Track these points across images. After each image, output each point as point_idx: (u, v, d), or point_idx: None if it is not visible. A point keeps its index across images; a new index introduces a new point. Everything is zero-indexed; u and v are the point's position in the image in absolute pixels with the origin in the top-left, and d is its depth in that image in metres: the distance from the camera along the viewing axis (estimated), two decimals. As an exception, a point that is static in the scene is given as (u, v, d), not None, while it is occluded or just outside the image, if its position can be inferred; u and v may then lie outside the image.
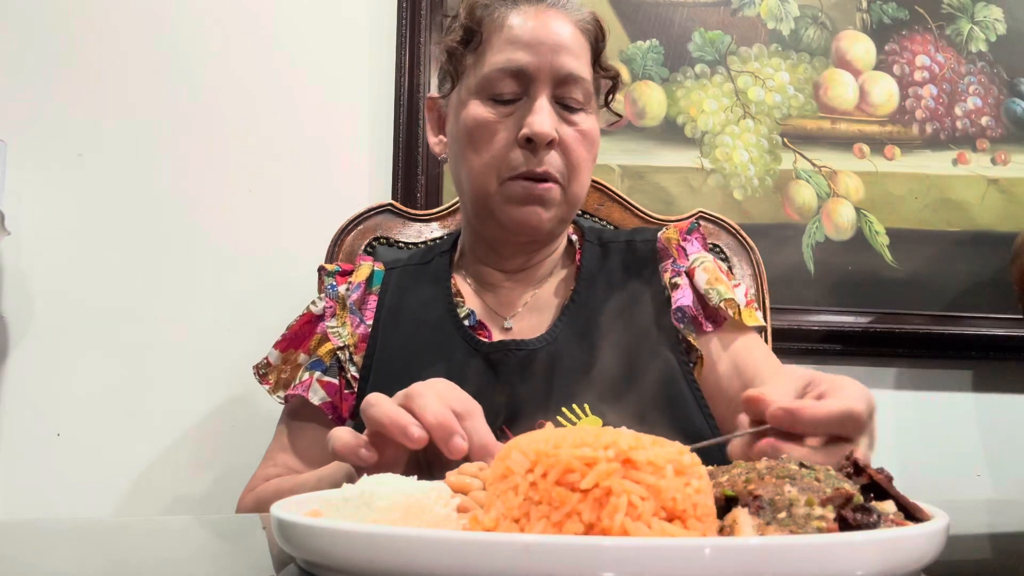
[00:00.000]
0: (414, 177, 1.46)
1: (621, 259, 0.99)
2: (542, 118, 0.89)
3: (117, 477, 1.37)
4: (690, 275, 0.97)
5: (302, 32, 1.51)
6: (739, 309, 0.94)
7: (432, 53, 1.50)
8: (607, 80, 1.00)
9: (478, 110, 0.92)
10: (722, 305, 0.94)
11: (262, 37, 1.50)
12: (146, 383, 1.39)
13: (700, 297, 0.96)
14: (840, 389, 0.60)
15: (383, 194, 1.46)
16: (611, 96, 1.01)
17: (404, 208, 1.26)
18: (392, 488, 0.44)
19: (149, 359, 1.40)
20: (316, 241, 1.25)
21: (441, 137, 1.01)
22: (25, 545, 0.58)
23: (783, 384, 0.63)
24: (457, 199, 1.27)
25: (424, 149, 1.46)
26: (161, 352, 1.40)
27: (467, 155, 0.93)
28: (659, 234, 1.01)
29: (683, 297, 0.95)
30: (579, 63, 0.92)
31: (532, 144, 0.89)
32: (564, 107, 0.92)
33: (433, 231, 1.25)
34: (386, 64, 1.51)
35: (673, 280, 0.97)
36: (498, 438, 0.84)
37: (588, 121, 0.94)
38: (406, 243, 1.23)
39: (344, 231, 1.22)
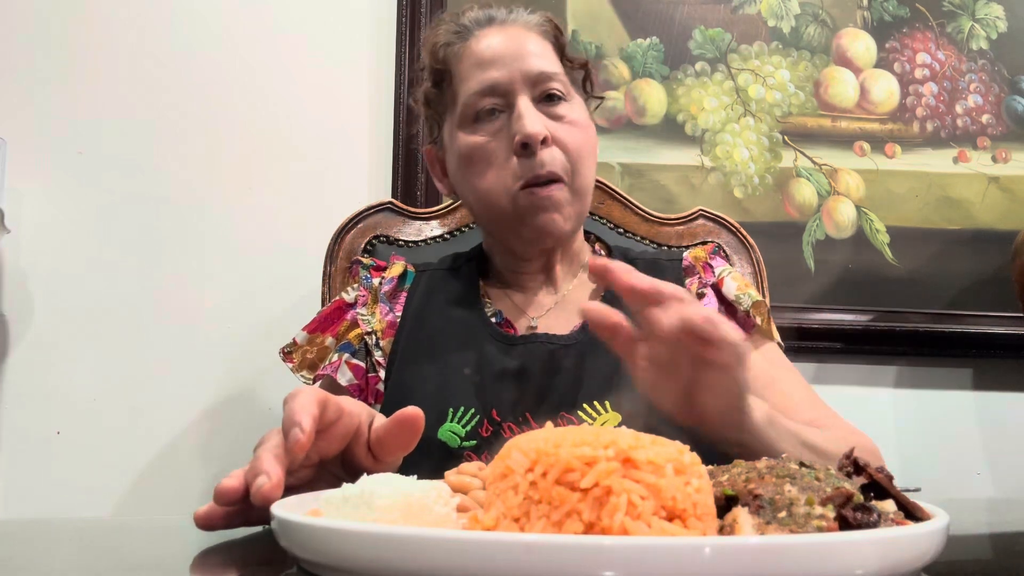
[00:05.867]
0: (414, 175, 1.46)
1: (647, 274, 1.01)
2: (530, 119, 0.90)
3: (117, 476, 1.37)
4: (717, 286, 1.00)
5: (302, 30, 1.50)
6: (766, 316, 0.97)
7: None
8: (579, 70, 1.02)
9: (467, 139, 0.94)
10: (750, 310, 0.96)
11: (262, 35, 1.50)
12: (146, 381, 1.39)
13: (728, 306, 0.98)
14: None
15: (383, 192, 1.46)
16: (588, 83, 1.03)
17: (404, 206, 1.26)
18: (392, 488, 0.44)
19: (149, 357, 1.40)
20: (316, 239, 1.25)
21: (445, 180, 1.04)
22: (25, 545, 0.58)
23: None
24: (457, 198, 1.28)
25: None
26: (161, 351, 1.40)
27: (472, 182, 0.94)
28: (685, 254, 1.04)
29: (709, 304, 0.98)
30: (546, 61, 0.94)
31: (528, 148, 0.90)
32: (547, 102, 0.94)
33: (433, 229, 1.25)
34: (386, 62, 1.51)
35: (699, 291, 0.99)
36: (520, 426, 0.86)
37: (575, 110, 0.95)
38: (406, 241, 1.23)
39: (344, 229, 1.22)
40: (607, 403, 0.87)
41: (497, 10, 0.99)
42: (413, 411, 0.60)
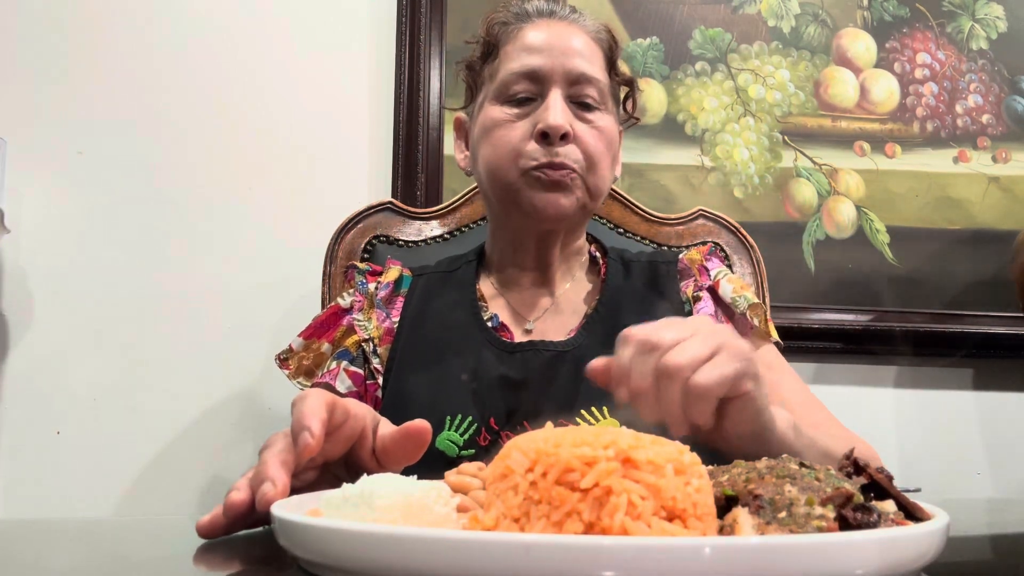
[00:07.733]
0: (414, 175, 1.46)
1: (643, 276, 1.02)
2: (555, 112, 0.91)
3: (117, 476, 1.37)
4: (713, 289, 1.00)
5: (302, 30, 1.50)
6: (764, 317, 0.97)
7: (432, 51, 1.50)
8: (624, 86, 1.03)
9: (495, 112, 0.95)
10: (747, 312, 0.96)
11: (262, 35, 1.50)
12: (146, 381, 1.39)
13: (724, 308, 0.99)
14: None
15: (383, 192, 1.46)
16: (630, 101, 1.05)
17: (404, 206, 1.26)
18: (392, 488, 0.44)
19: (149, 357, 1.40)
20: (316, 239, 1.25)
21: (467, 152, 1.04)
22: (25, 545, 0.58)
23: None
24: (457, 197, 1.27)
25: (424, 147, 1.46)
26: (161, 350, 1.40)
27: (485, 151, 0.96)
28: (681, 256, 1.05)
29: (705, 308, 0.98)
30: (591, 66, 0.96)
31: (547, 138, 0.91)
32: (579, 106, 0.95)
33: (433, 229, 1.25)
34: (386, 61, 1.51)
35: (696, 294, 1.00)
36: (517, 435, 0.85)
37: (604, 119, 0.96)
38: (406, 241, 1.23)
39: (344, 229, 1.22)
40: (605, 409, 0.87)
41: (561, 7, 1.00)
42: (421, 424, 0.60)
